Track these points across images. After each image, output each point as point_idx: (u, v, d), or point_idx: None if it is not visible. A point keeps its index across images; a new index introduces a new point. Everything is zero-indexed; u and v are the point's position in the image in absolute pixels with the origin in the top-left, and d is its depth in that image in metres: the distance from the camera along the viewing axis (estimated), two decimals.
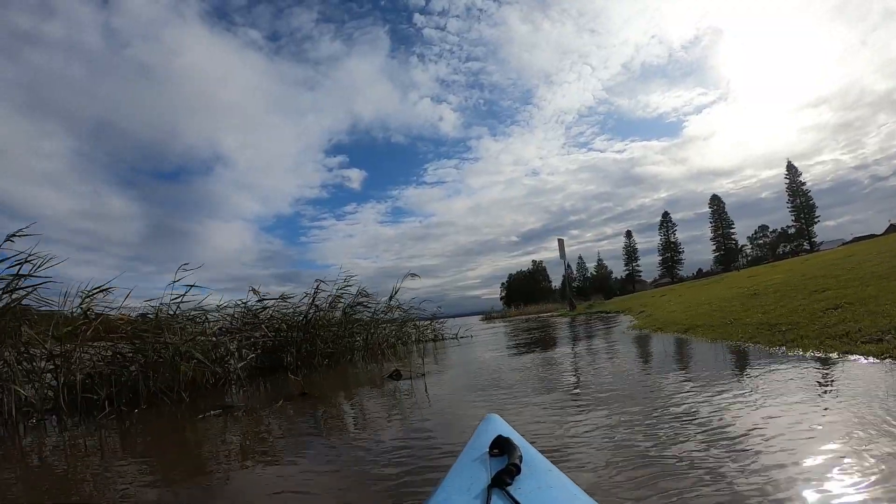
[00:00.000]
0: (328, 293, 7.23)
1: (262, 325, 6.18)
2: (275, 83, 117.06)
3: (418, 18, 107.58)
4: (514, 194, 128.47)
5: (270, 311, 6.81)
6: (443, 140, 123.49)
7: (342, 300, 7.26)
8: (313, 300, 6.93)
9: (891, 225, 61.71)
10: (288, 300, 6.97)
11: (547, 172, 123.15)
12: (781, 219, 76.35)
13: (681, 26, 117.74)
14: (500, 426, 1.21)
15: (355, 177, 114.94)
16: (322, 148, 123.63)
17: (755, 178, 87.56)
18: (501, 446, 1.02)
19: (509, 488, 0.83)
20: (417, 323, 11.00)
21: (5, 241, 4.11)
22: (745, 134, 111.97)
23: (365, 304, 7.62)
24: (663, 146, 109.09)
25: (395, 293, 8.02)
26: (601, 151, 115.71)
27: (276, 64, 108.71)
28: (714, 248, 72.12)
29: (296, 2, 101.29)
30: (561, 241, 21.88)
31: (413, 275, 8.18)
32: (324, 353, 6.61)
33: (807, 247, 63.14)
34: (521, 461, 0.92)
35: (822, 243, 63.49)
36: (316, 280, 6.99)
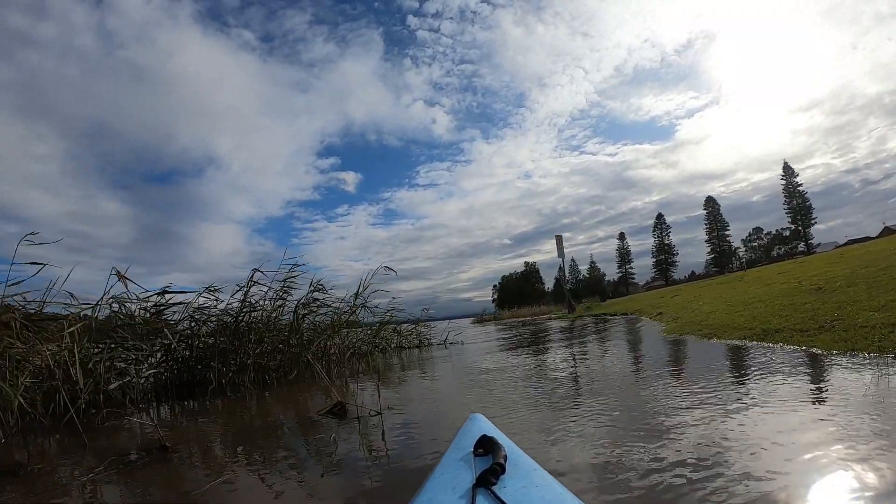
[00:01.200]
0: (274, 288, 5.53)
1: (165, 331, 4.44)
2: (268, 85, 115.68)
3: (412, 20, 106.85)
4: (507, 197, 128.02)
5: (190, 311, 5.08)
6: (435, 142, 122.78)
7: (289, 297, 5.62)
8: (245, 296, 5.19)
9: (885, 228, 61.04)
10: (216, 292, 5.24)
11: (539, 175, 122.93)
12: (773, 222, 76.75)
13: (674, 30, 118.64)
14: (485, 426, 1.20)
15: (350, 179, 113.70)
16: (314, 150, 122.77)
17: (747, 181, 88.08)
18: (486, 446, 1.01)
19: (494, 488, 0.83)
20: (399, 328, 9.37)
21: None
22: (737, 138, 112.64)
23: (323, 302, 5.94)
24: (655, 149, 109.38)
25: (363, 290, 6.34)
26: (593, 154, 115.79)
27: (270, 66, 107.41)
28: (709, 250, 71.11)
29: (288, 3, 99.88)
30: (559, 238, 20.30)
31: (388, 268, 6.54)
32: (262, 368, 4.90)
33: (803, 248, 62.37)
34: (505, 460, 0.92)
35: (818, 245, 62.75)
36: (253, 269, 5.28)
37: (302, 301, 5.73)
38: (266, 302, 5.44)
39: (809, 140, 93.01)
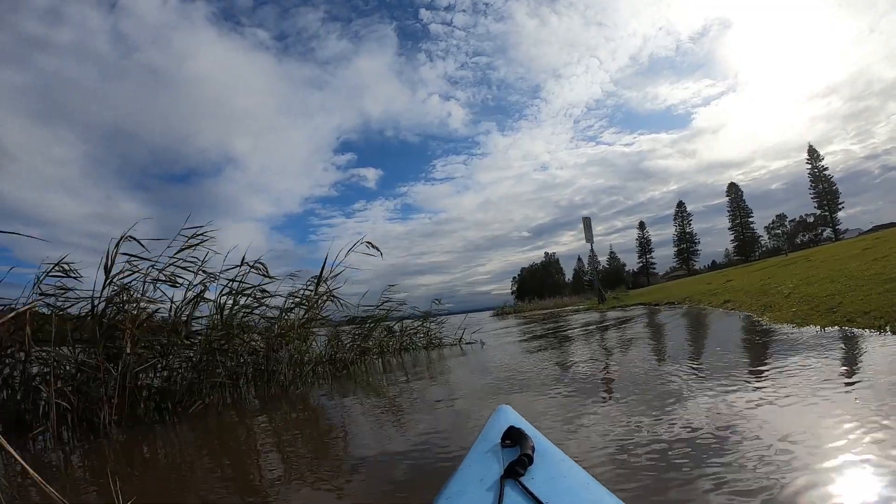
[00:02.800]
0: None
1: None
2: (283, 84, 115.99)
3: (424, 14, 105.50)
4: (524, 189, 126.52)
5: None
6: (451, 136, 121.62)
7: (213, 284, 4.29)
8: (108, 272, 3.71)
9: None
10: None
11: (556, 167, 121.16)
12: (792, 210, 73.96)
13: (688, 17, 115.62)
14: (512, 417, 1.20)
15: (371, 175, 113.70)
16: (331, 147, 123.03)
17: (765, 169, 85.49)
18: (514, 437, 1.00)
19: (522, 479, 0.82)
20: (403, 325, 8.17)
21: None
22: (755, 125, 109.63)
23: (265, 290, 4.83)
24: (672, 138, 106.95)
25: (329, 277, 5.26)
26: (609, 145, 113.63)
27: (284, 64, 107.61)
28: (732, 237, 68.93)
29: (301, 1, 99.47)
30: (587, 220, 19.04)
31: (369, 244, 5.58)
32: (165, 392, 3.76)
33: (829, 234, 60.00)
34: (533, 451, 0.91)
35: (845, 231, 60.31)
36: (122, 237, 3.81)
37: (234, 289, 4.43)
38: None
39: (828, 126, 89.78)
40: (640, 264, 74.74)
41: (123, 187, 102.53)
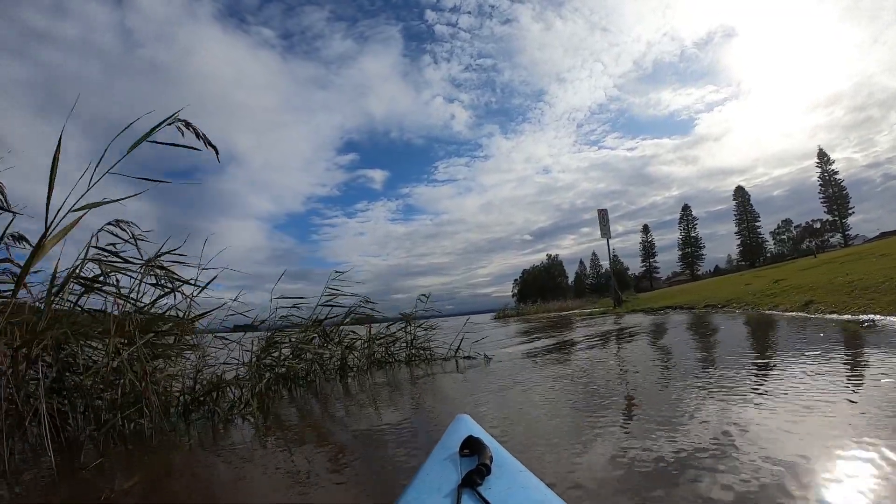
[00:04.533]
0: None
1: None
2: (287, 82, 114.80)
3: (430, 15, 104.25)
4: (526, 192, 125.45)
5: None
6: (454, 138, 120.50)
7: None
8: None
9: None
10: None
11: (558, 170, 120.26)
12: (795, 217, 73.21)
13: (693, 24, 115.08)
14: (471, 426, 1.19)
15: (378, 177, 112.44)
16: (334, 146, 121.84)
17: (767, 176, 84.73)
18: (472, 446, 0.99)
19: (480, 488, 0.82)
20: (370, 331, 6.11)
21: None
22: (757, 132, 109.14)
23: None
24: (674, 144, 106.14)
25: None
26: (612, 149, 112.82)
27: (289, 63, 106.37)
28: (738, 242, 67.19)
29: (307, 0, 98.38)
30: (604, 213, 17.19)
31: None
32: None
33: (838, 240, 58.24)
34: (491, 461, 0.90)
35: (856, 237, 58.62)
36: None
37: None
38: None
39: (830, 135, 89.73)
40: (644, 268, 72.95)
41: (125, 182, 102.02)
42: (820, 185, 59.69)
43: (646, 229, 72.86)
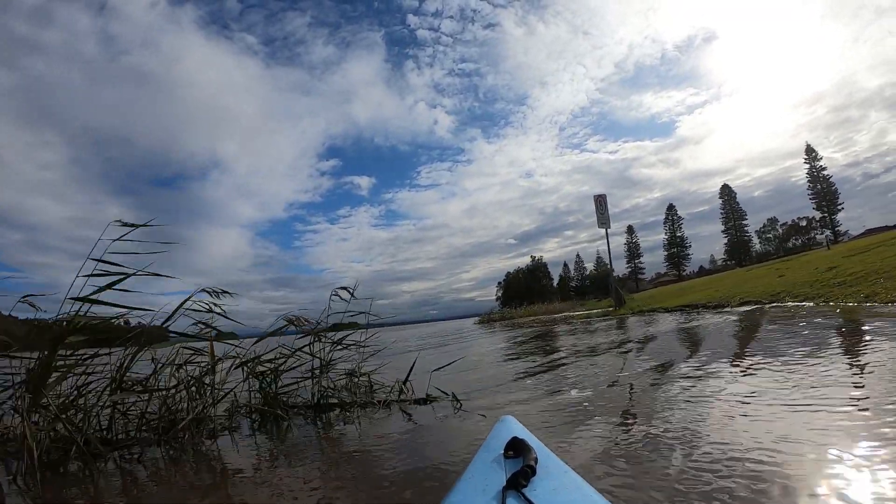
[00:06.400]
0: None
1: None
2: (271, 88, 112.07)
3: (412, 19, 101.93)
4: (509, 196, 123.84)
5: None
6: (437, 143, 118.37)
7: None
8: None
9: None
10: None
11: (541, 174, 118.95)
12: (778, 216, 72.55)
13: (675, 26, 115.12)
14: (515, 427, 1.16)
15: (364, 183, 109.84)
16: (317, 152, 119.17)
17: (749, 176, 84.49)
18: (516, 448, 0.97)
19: (525, 490, 0.79)
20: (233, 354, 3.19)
21: None
22: (738, 134, 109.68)
23: None
24: (656, 146, 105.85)
25: None
26: (594, 152, 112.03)
27: (272, 69, 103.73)
28: (726, 240, 65.64)
29: (289, 5, 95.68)
30: (601, 199, 14.31)
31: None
32: None
33: (828, 237, 56.92)
34: (536, 463, 0.87)
35: (846, 232, 57.35)
36: None
37: None
38: None
39: (811, 135, 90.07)
40: (630, 269, 70.91)
41: (109, 191, 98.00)
42: (808, 181, 58.37)
43: (630, 230, 70.90)
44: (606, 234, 14.75)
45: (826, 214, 57.90)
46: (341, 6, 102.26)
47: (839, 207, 57.20)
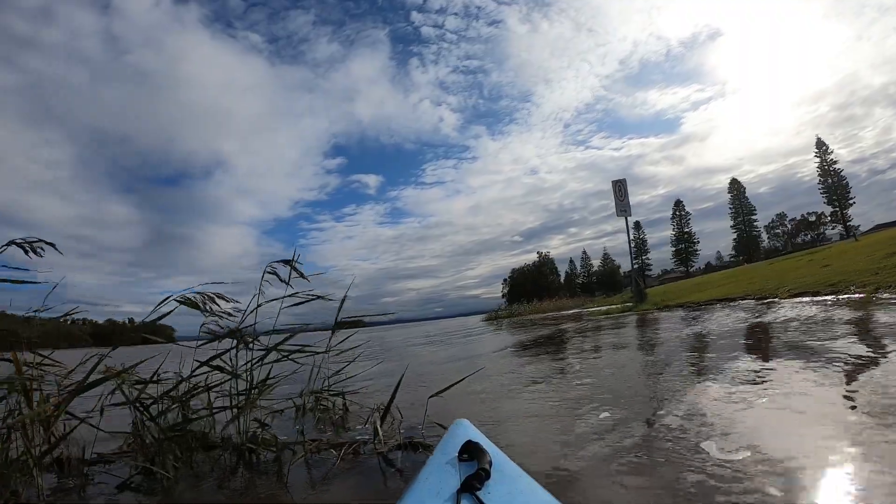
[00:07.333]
0: None
1: None
2: (275, 87, 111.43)
3: (416, 16, 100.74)
4: (514, 193, 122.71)
5: None
6: (442, 141, 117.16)
7: None
8: None
9: None
10: None
11: (545, 171, 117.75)
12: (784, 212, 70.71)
13: (680, 24, 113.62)
14: (470, 431, 1.13)
15: (372, 182, 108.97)
16: (321, 150, 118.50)
17: (753, 173, 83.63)
18: (471, 451, 0.95)
19: (479, 493, 0.79)
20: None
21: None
22: (743, 130, 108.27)
23: None
24: (661, 143, 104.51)
25: None
26: (599, 149, 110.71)
27: (276, 67, 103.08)
28: (735, 236, 64.25)
29: (292, 4, 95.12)
30: (619, 184, 12.97)
31: None
32: None
33: (840, 232, 55.41)
34: (490, 466, 0.87)
35: (858, 227, 55.73)
36: None
37: None
38: None
39: (816, 131, 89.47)
40: (637, 265, 69.65)
41: (112, 190, 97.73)
42: (819, 175, 56.88)
43: (637, 226, 69.58)
44: (626, 222, 13.44)
45: (837, 209, 56.37)
46: (345, 3, 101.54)
47: (851, 202, 55.70)
